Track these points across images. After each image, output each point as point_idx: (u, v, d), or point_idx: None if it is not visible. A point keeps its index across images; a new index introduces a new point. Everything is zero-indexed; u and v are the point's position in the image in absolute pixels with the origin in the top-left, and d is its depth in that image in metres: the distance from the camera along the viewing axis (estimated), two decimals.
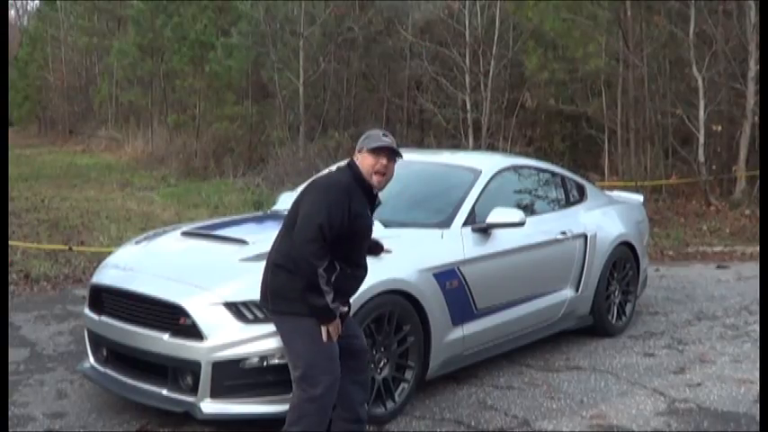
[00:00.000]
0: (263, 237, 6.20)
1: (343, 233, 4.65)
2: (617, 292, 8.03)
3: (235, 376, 5.18)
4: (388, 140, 4.89)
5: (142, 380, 5.56)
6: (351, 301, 4.96)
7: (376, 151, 4.82)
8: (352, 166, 4.89)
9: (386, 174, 4.86)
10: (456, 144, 19.47)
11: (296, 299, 4.68)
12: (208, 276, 5.49)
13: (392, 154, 4.86)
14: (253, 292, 5.19)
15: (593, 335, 7.75)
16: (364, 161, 4.84)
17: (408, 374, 5.78)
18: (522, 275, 6.87)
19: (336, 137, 21.87)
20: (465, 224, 6.43)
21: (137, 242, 6.77)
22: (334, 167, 5.43)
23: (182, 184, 22.24)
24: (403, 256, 5.84)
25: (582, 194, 8.15)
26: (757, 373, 6.67)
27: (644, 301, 9.07)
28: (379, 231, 5.64)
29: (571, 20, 17.75)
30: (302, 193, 4.90)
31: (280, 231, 4.92)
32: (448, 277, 6.04)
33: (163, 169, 25.16)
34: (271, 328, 5.11)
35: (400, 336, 5.72)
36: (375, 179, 4.82)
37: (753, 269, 11.15)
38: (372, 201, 4.92)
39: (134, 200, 18.27)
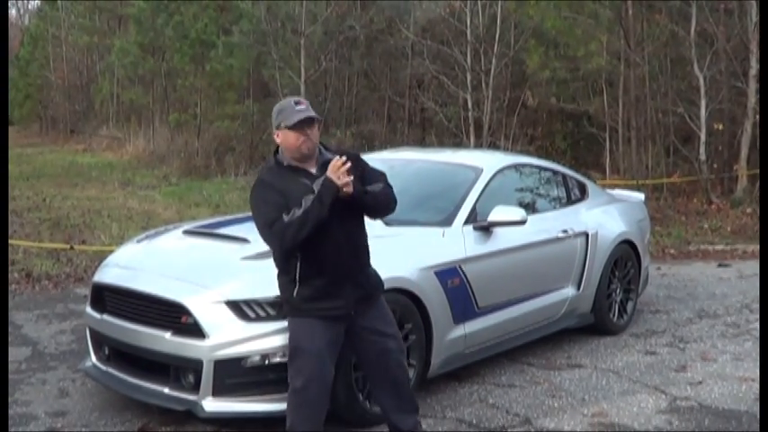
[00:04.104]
0: None
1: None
2: (618, 291, 8.02)
3: (237, 375, 5.19)
4: (303, 108, 4.65)
5: (144, 378, 5.56)
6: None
7: (296, 127, 4.62)
8: (274, 154, 4.80)
9: (312, 139, 4.65)
10: (457, 142, 19.48)
11: (284, 301, 4.82)
12: (209, 275, 5.50)
13: (312, 121, 4.65)
14: (254, 291, 5.21)
15: (594, 333, 7.75)
16: (286, 139, 4.66)
17: (410, 373, 5.78)
18: (524, 274, 6.87)
19: (338, 135, 21.91)
20: (466, 222, 6.43)
21: (138, 241, 6.78)
22: None
23: (183, 182, 22.24)
24: (405, 255, 5.84)
25: (583, 193, 8.15)
26: (758, 371, 6.67)
27: (645, 299, 9.07)
28: (380, 230, 5.66)
29: (572, 18, 17.77)
30: None
31: None
32: (449, 275, 6.04)
33: (164, 168, 25.17)
34: (272, 326, 5.14)
35: (402, 334, 5.70)
36: (303, 148, 4.64)
37: (754, 267, 11.14)
38: (307, 172, 4.70)
39: (135, 199, 18.28)
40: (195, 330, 5.21)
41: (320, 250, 4.64)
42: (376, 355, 4.90)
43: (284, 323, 5.09)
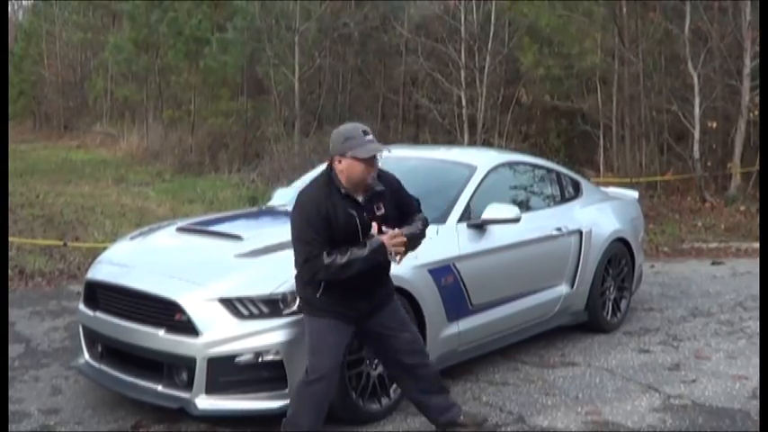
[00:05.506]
0: (258, 232, 6.24)
1: (327, 238, 4.73)
2: (612, 289, 8.02)
3: (230, 372, 5.18)
4: (372, 140, 4.80)
5: (137, 376, 5.55)
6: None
7: (369, 161, 4.78)
8: (328, 173, 4.87)
9: (374, 170, 4.86)
10: (451, 140, 19.46)
11: (303, 300, 4.94)
12: (203, 272, 5.49)
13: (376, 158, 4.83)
14: (248, 288, 5.21)
15: (588, 331, 7.75)
16: (351, 169, 4.77)
17: None
18: (518, 272, 6.87)
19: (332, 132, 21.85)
20: (460, 220, 6.42)
21: (132, 238, 6.77)
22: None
23: (177, 179, 22.21)
24: None
25: (577, 191, 8.15)
26: (752, 370, 6.69)
27: (639, 297, 9.08)
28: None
29: (567, 16, 17.80)
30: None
31: None
32: (443, 273, 6.03)
33: (158, 165, 25.11)
34: (266, 324, 5.14)
35: None
36: (369, 179, 4.81)
37: (747, 265, 11.17)
38: (356, 202, 4.84)
39: (129, 195, 18.24)
40: (188, 328, 5.20)
41: None
42: (390, 350, 5.11)
43: (277, 321, 5.14)
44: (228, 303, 5.21)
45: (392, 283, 5.15)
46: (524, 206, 7.23)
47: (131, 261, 6.06)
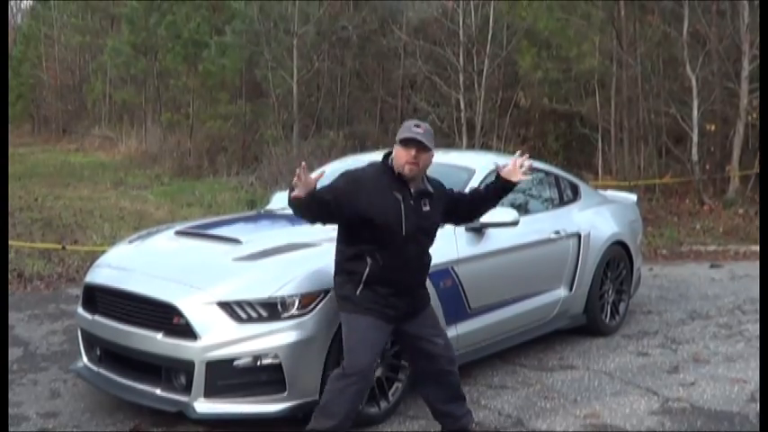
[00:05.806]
0: (257, 236, 6.23)
1: (360, 222, 4.80)
2: (610, 292, 8.02)
3: (228, 376, 5.17)
4: (419, 131, 4.91)
5: (135, 379, 5.54)
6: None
7: (404, 143, 4.90)
8: (385, 158, 5.05)
9: (418, 163, 4.90)
10: (450, 143, 19.43)
11: (342, 297, 4.99)
12: (201, 276, 5.48)
13: (420, 146, 4.89)
14: (246, 292, 5.20)
15: (586, 334, 7.75)
16: (397, 153, 4.93)
17: (402, 374, 5.77)
18: (516, 275, 6.86)
19: (330, 136, 21.90)
20: None
21: (130, 241, 6.76)
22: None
23: (175, 182, 22.20)
24: None
25: (575, 194, 8.15)
26: (750, 373, 6.69)
27: (637, 300, 9.07)
28: None
29: (565, 19, 17.82)
30: None
31: None
32: (441, 277, 6.01)
33: (156, 168, 25.11)
34: (264, 327, 5.14)
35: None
36: (407, 169, 4.88)
37: (746, 268, 11.17)
38: (407, 190, 4.94)
39: (128, 199, 18.24)
40: (187, 331, 5.19)
41: (393, 263, 4.90)
42: (425, 357, 5.18)
43: (276, 324, 5.13)
44: (227, 307, 5.20)
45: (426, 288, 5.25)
46: (523, 209, 7.21)
47: (130, 264, 6.05)
